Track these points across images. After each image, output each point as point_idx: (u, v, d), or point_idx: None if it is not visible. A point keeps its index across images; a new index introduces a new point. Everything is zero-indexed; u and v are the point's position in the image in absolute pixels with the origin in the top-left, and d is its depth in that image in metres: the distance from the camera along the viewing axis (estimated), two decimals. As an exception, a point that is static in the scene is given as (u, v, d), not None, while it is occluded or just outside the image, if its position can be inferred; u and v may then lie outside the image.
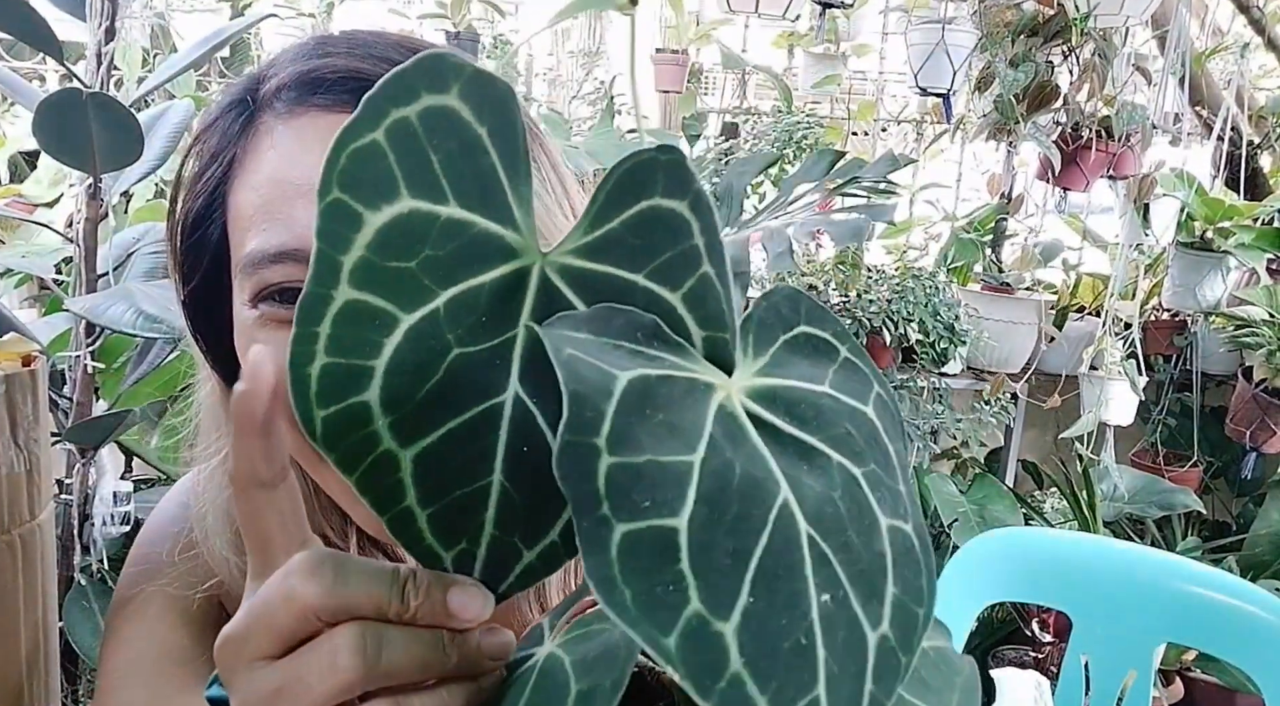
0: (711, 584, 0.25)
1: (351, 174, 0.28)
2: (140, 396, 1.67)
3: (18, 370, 0.82)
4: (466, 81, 0.28)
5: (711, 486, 0.26)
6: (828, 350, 0.31)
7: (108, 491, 1.32)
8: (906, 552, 0.29)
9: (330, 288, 0.28)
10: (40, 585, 0.86)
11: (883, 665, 0.27)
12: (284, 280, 0.48)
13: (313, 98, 0.50)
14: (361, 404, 0.29)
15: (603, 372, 0.26)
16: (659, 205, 0.29)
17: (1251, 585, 1.13)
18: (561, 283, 0.30)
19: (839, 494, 0.28)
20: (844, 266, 2.47)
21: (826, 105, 3.09)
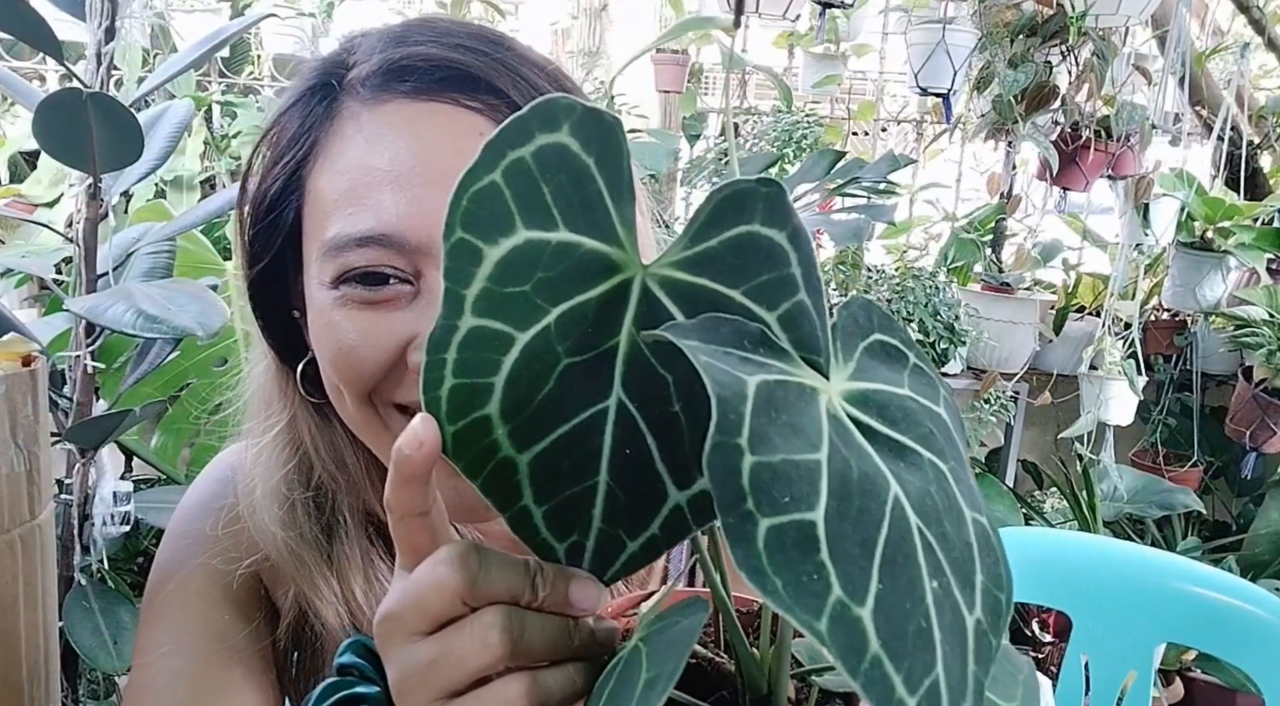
0: (847, 572, 0.27)
1: (473, 214, 0.31)
2: (140, 396, 1.67)
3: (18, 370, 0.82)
4: (577, 119, 0.31)
5: (838, 482, 0.28)
6: (900, 356, 0.33)
7: (108, 491, 1.32)
8: (986, 542, 0.31)
9: (456, 319, 0.31)
10: (40, 585, 0.86)
11: (980, 647, 0.29)
12: (367, 264, 0.50)
13: (399, 85, 0.51)
14: (484, 417, 0.32)
15: (735, 377, 0.28)
16: (758, 232, 0.31)
17: (1251, 585, 1.13)
18: (661, 293, 0.32)
19: (934, 488, 0.30)
20: (844, 266, 2.47)
21: (826, 105, 3.09)
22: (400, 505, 0.36)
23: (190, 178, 2.25)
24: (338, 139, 0.52)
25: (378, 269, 0.50)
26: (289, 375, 0.59)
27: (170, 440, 1.78)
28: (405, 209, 0.49)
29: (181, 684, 0.60)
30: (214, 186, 2.38)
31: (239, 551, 0.62)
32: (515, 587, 0.35)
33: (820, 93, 2.85)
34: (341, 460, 0.59)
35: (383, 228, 0.49)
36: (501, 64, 0.53)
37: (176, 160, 2.20)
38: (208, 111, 2.49)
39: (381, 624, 0.37)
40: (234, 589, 0.62)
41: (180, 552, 0.65)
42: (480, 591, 0.34)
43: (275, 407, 0.61)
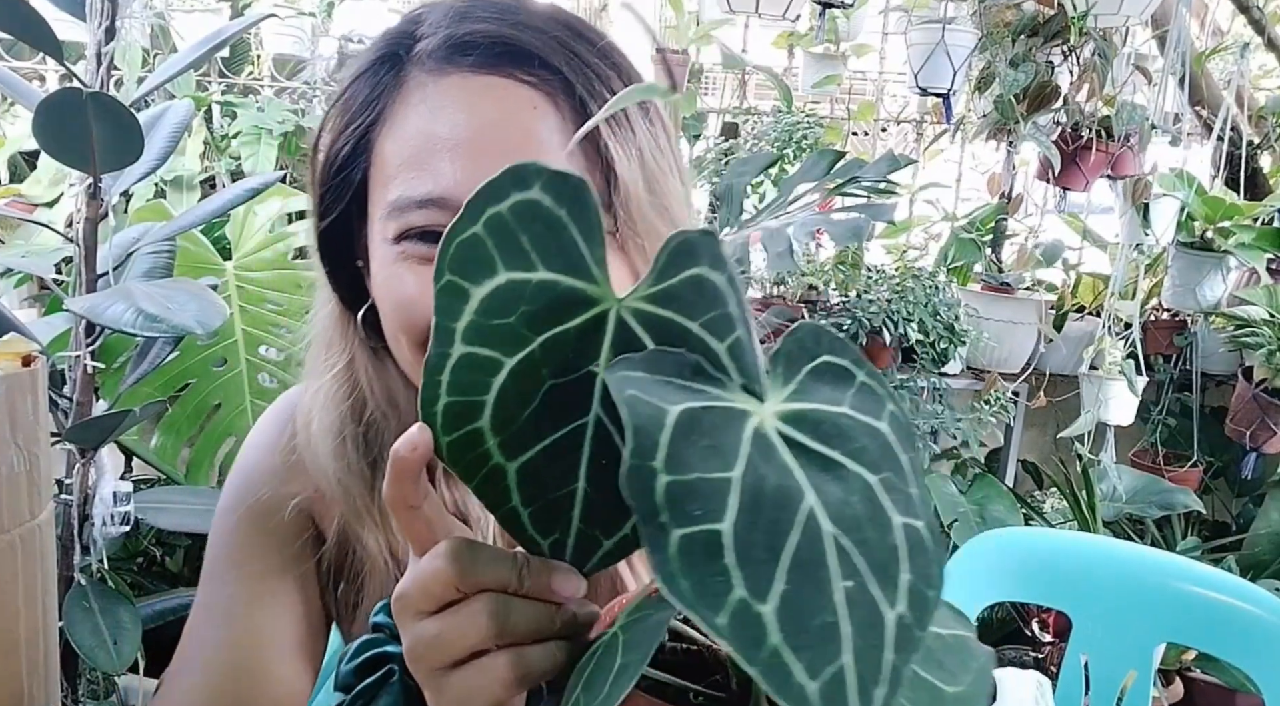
0: (752, 575, 0.30)
1: (459, 259, 0.36)
2: (140, 396, 1.67)
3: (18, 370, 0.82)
4: (547, 180, 0.37)
5: (748, 496, 0.31)
6: (847, 376, 0.37)
7: (108, 491, 1.32)
8: (918, 545, 0.34)
9: (448, 347, 0.36)
10: (40, 585, 0.86)
11: (901, 638, 0.32)
12: (426, 224, 0.55)
13: (462, 59, 0.56)
14: (476, 430, 0.37)
15: (657, 407, 0.32)
16: (705, 274, 0.36)
17: (1251, 585, 1.13)
18: (634, 322, 0.37)
19: (856, 498, 0.33)
20: (844, 266, 2.47)
21: (826, 105, 3.09)
22: (395, 498, 0.41)
23: (190, 178, 2.25)
24: (404, 107, 0.57)
25: (434, 228, 0.55)
26: (350, 319, 0.64)
27: (170, 440, 1.78)
28: (461, 175, 0.54)
29: (239, 606, 0.67)
30: (214, 186, 2.38)
31: (295, 483, 0.67)
32: (503, 578, 0.39)
33: (820, 93, 2.85)
34: (394, 400, 0.64)
35: (441, 191, 0.54)
36: (557, 41, 0.57)
37: (176, 160, 2.21)
38: (208, 111, 2.49)
39: (395, 603, 0.42)
40: (287, 520, 0.67)
41: (242, 485, 0.71)
42: (471, 581, 0.39)
43: (335, 349, 0.65)
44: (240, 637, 0.67)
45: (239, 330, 1.80)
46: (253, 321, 1.81)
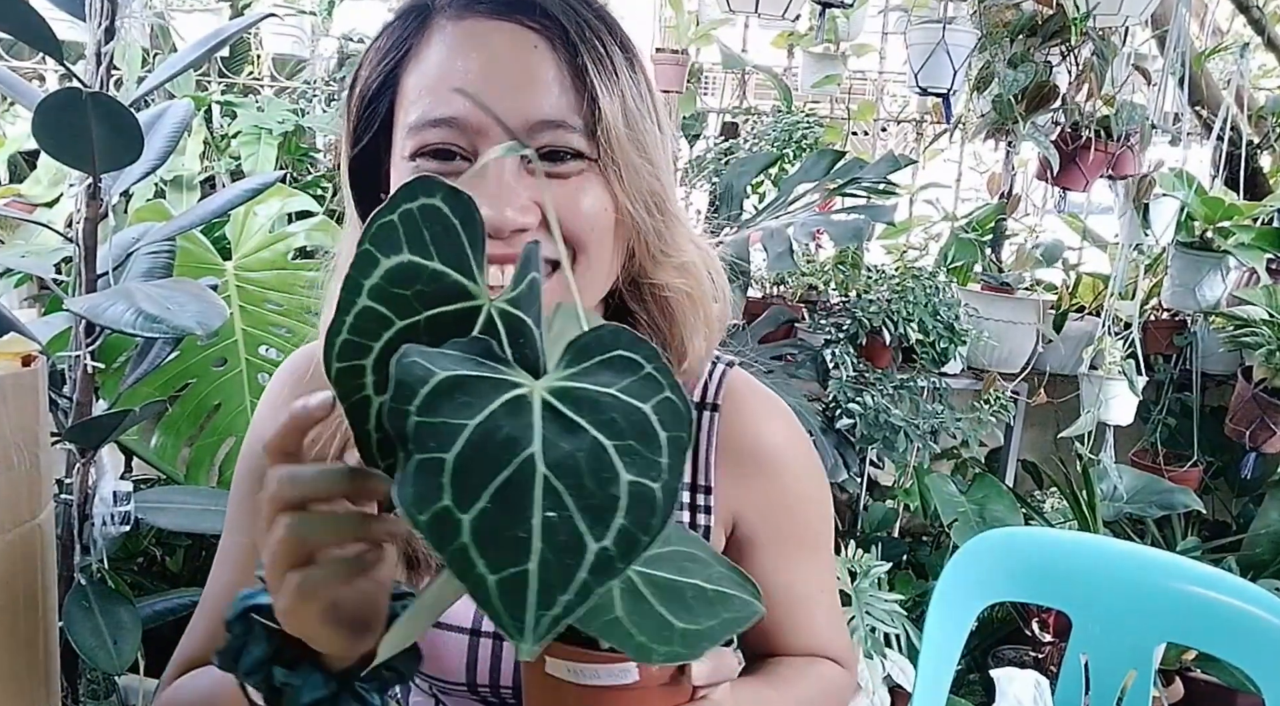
0: (459, 493, 0.40)
1: (376, 235, 0.46)
2: (140, 396, 1.67)
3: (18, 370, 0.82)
4: (446, 192, 0.47)
5: (477, 437, 0.41)
6: (635, 367, 0.45)
7: (108, 491, 1.32)
8: (643, 500, 0.42)
9: (355, 296, 0.46)
10: (40, 585, 0.86)
11: (599, 564, 0.41)
12: (439, 141, 0.65)
13: (478, 6, 0.66)
14: (360, 366, 0.46)
15: (426, 369, 0.42)
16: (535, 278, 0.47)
17: (1251, 585, 1.13)
18: (498, 318, 0.47)
19: (584, 454, 0.42)
20: (844, 266, 2.47)
21: (826, 105, 3.09)
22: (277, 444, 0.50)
23: (190, 178, 2.25)
24: (426, 46, 0.67)
25: (447, 146, 0.65)
26: None
27: (170, 440, 1.78)
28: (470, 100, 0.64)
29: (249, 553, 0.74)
30: (214, 186, 2.38)
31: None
32: (306, 495, 0.49)
33: (820, 93, 2.85)
34: None
35: (453, 113, 0.64)
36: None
37: (176, 160, 2.21)
38: (207, 111, 2.49)
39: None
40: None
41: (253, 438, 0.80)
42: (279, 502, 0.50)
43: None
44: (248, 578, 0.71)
45: (239, 330, 1.80)
46: (253, 321, 1.81)
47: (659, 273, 0.71)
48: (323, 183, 2.51)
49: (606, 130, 0.65)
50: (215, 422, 1.78)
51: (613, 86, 0.66)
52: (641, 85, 0.69)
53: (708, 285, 0.74)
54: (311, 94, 2.64)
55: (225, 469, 1.79)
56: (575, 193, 0.66)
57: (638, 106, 0.68)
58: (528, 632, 0.40)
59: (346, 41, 2.61)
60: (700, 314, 0.74)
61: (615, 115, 0.66)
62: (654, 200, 0.68)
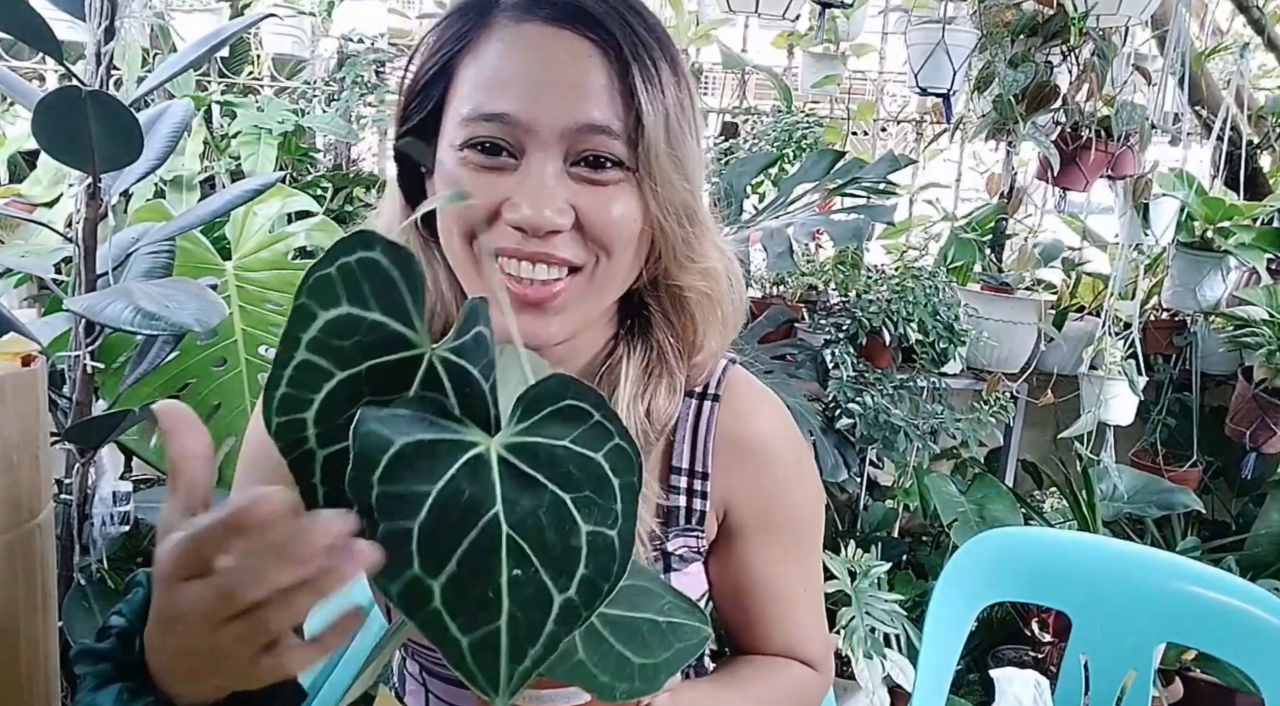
0: (427, 559, 0.42)
1: (313, 288, 0.45)
2: (140, 396, 1.67)
3: (18, 370, 0.82)
4: (384, 245, 0.46)
5: (440, 504, 0.42)
6: (583, 416, 0.46)
7: (108, 491, 1.32)
8: (603, 549, 0.44)
9: (293, 351, 0.45)
10: (40, 585, 0.86)
11: (565, 614, 0.43)
12: (488, 136, 0.67)
13: (539, 11, 0.68)
14: (301, 419, 0.45)
15: (384, 438, 0.42)
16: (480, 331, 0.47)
17: (1251, 585, 1.13)
18: (440, 367, 0.46)
19: (544, 510, 0.43)
20: (844, 266, 2.47)
21: (826, 105, 3.08)
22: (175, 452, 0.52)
23: (190, 178, 2.25)
24: (486, 42, 0.69)
25: (495, 140, 0.67)
26: (410, 212, 0.75)
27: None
28: (524, 100, 0.66)
29: None
30: (214, 186, 2.38)
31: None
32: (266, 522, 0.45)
33: (820, 93, 2.85)
34: (439, 288, 0.76)
35: (505, 110, 0.66)
36: (617, 12, 0.69)
37: (176, 160, 2.20)
38: (207, 111, 2.49)
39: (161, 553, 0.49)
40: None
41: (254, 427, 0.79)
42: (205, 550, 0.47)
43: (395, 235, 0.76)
44: None
45: (239, 330, 1.80)
46: (253, 321, 1.81)
47: (682, 276, 0.74)
48: (323, 183, 2.51)
49: (647, 144, 0.67)
50: (215, 422, 1.78)
51: (658, 102, 0.68)
52: (685, 102, 0.72)
53: (726, 289, 0.77)
54: (311, 94, 2.64)
55: (225, 469, 1.79)
56: (608, 199, 0.68)
57: (680, 122, 0.70)
58: (501, 689, 0.42)
59: (346, 42, 2.61)
60: (718, 313, 0.77)
61: (657, 130, 0.68)
62: (685, 212, 0.71)
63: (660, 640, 0.51)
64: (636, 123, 0.67)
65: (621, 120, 0.67)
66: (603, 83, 0.67)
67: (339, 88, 2.56)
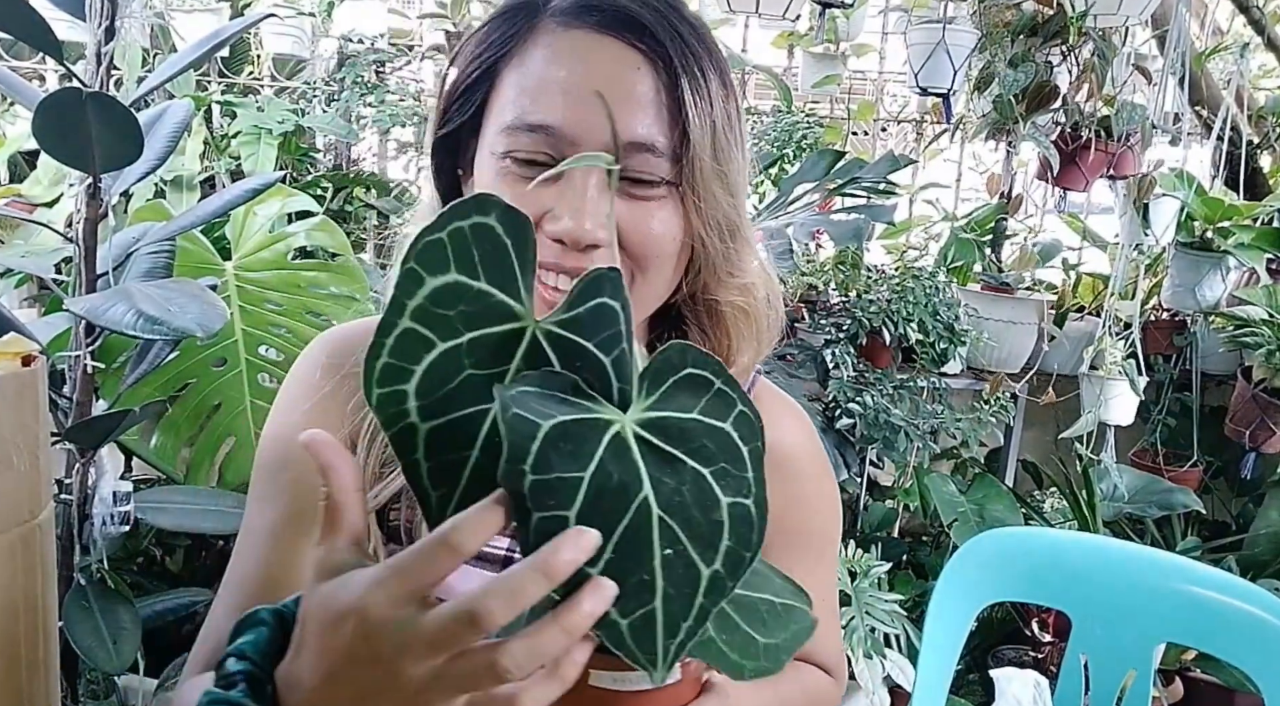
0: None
1: (423, 254, 0.44)
2: (140, 396, 1.67)
3: (18, 370, 0.82)
4: (501, 211, 0.45)
5: (594, 490, 0.42)
6: (706, 384, 0.46)
7: (108, 491, 1.32)
8: (742, 519, 0.44)
9: (398, 317, 0.44)
10: (40, 585, 0.86)
11: (713, 587, 0.44)
12: (530, 149, 0.65)
13: (588, 18, 0.66)
14: (402, 391, 0.44)
15: (531, 422, 0.41)
16: (606, 303, 0.45)
17: (1251, 585, 1.13)
18: (544, 340, 0.45)
19: (688, 486, 0.44)
20: (844, 266, 2.47)
21: (826, 105, 3.08)
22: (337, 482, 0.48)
23: (190, 178, 2.25)
24: (532, 48, 0.67)
25: (536, 157, 0.65)
26: None
27: (170, 440, 1.78)
28: (570, 111, 0.65)
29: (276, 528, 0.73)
30: (214, 186, 2.38)
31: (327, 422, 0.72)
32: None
33: (820, 93, 2.85)
34: None
35: (550, 121, 0.64)
36: (666, 20, 0.67)
37: (176, 160, 2.20)
38: (207, 111, 2.49)
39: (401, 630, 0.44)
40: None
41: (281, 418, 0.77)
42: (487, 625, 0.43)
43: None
44: (278, 557, 0.72)
45: (239, 330, 1.80)
46: (253, 321, 1.81)
47: (720, 291, 0.73)
48: (323, 183, 2.51)
49: (693, 161, 0.66)
50: (215, 422, 1.78)
51: (705, 117, 0.66)
52: (733, 113, 0.70)
53: (764, 305, 0.75)
54: (311, 94, 2.64)
55: (225, 469, 1.79)
56: (649, 215, 0.67)
57: (727, 136, 0.68)
58: (659, 663, 0.43)
59: (346, 42, 2.61)
60: (753, 329, 0.76)
61: (704, 146, 0.66)
62: (728, 227, 0.70)
63: (778, 621, 0.51)
64: (683, 137, 0.66)
65: (667, 136, 0.65)
66: (650, 96, 0.65)
67: (339, 88, 2.56)
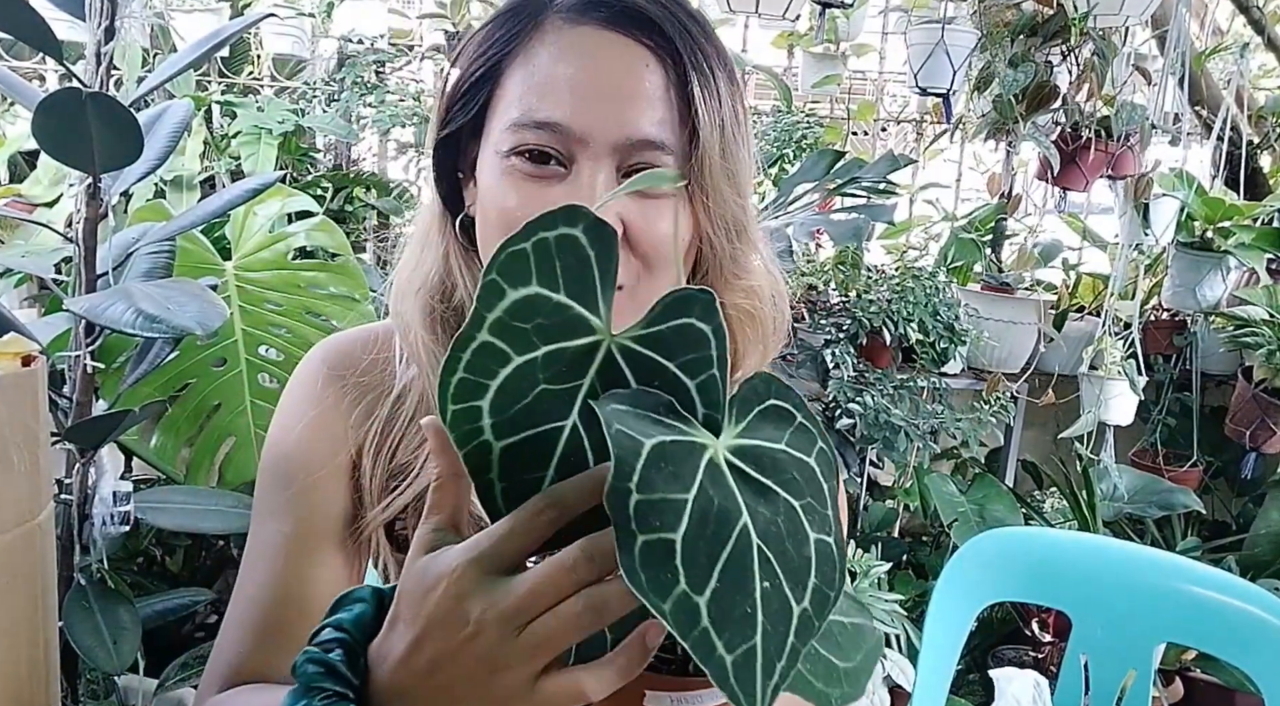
0: (693, 574, 0.40)
1: (506, 265, 0.43)
2: (140, 396, 1.67)
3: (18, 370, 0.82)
4: (589, 223, 0.44)
5: (698, 514, 0.40)
6: (789, 416, 0.45)
7: (108, 491, 1.32)
8: (826, 556, 0.43)
9: (476, 331, 0.43)
10: (40, 585, 0.86)
11: (802, 627, 0.42)
12: (537, 143, 0.64)
13: (594, 14, 0.66)
14: (477, 407, 0.44)
15: (634, 440, 0.40)
16: (693, 323, 0.44)
17: (1251, 585, 1.13)
18: (620, 356, 0.45)
19: (781, 518, 0.43)
20: (844, 266, 2.47)
21: (826, 105, 3.08)
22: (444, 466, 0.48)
23: (190, 178, 2.25)
24: (538, 45, 0.66)
25: (545, 148, 0.64)
26: (448, 218, 0.74)
27: (170, 440, 1.78)
28: (576, 108, 0.64)
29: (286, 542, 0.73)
30: (214, 186, 2.38)
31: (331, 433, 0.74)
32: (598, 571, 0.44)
33: (820, 93, 2.85)
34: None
35: (557, 118, 0.63)
36: (674, 16, 0.66)
37: (176, 160, 2.20)
38: (207, 111, 2.49)
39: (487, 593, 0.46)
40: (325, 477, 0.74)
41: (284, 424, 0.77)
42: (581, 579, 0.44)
43: (433, 241, 0.75)
44: (289, 572, 0.72)
45: (239, 330, 1.80)
46: (253, 321, 1.81)
47: (726, 292, 0.72)
48: (323, 183, 2.51)
49: (701, 159, 0.65)
50: (215, 422, 1.78)
51: (715, 115, 0.66)
52: (740, 110, 0.69)
53: (770, 308, 0.74)
54: (311, 94, 2.64)
55: (225, 469, 1.79)
56: (658, 214, 0.66)
57: (735, 134, 0.68)
58: (759, 704, 0.41)
59: (346, 42, 2.61)
60: (759, 332, 0.74)
61: (713, 144, 0.65)
62: (735, 226, 0.69)
63: (850, 642, 0.50)
64: (691, 135, 0.65)
65: (676, 134, 0.65)
66: (659, 94, 0.65)
67: (339, 88, 2.55)
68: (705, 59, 0.66)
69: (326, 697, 0.48)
